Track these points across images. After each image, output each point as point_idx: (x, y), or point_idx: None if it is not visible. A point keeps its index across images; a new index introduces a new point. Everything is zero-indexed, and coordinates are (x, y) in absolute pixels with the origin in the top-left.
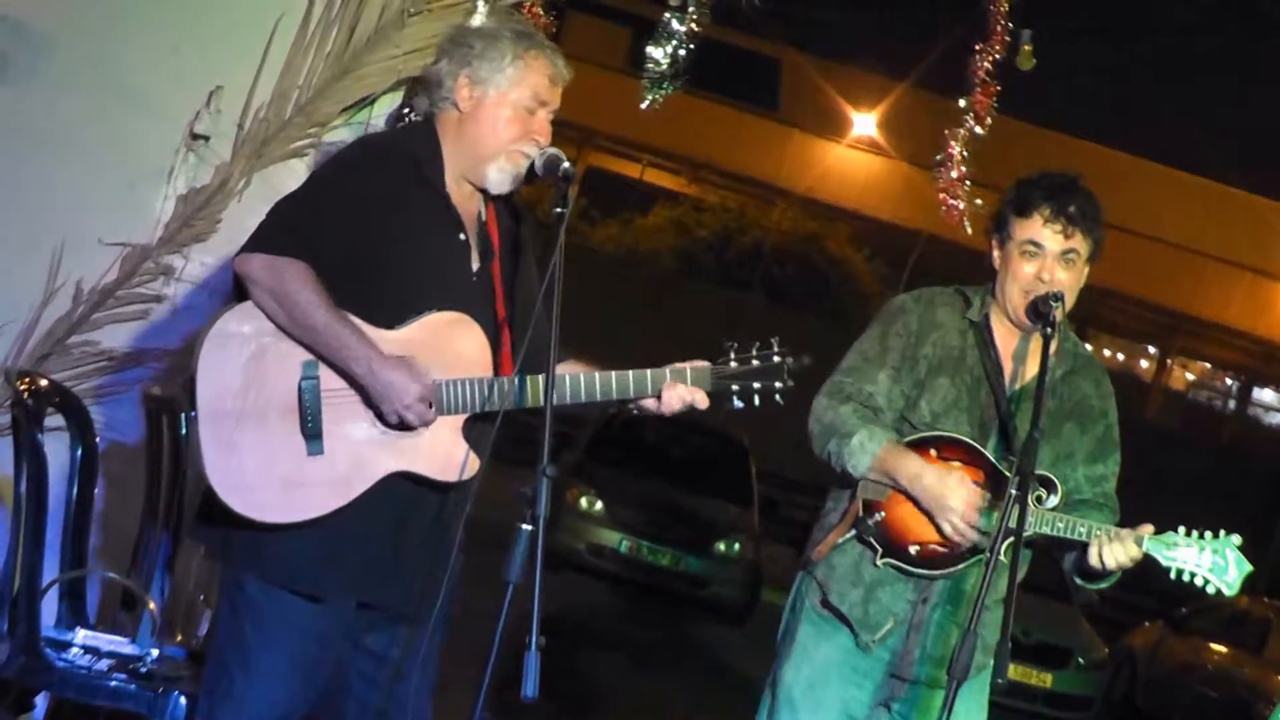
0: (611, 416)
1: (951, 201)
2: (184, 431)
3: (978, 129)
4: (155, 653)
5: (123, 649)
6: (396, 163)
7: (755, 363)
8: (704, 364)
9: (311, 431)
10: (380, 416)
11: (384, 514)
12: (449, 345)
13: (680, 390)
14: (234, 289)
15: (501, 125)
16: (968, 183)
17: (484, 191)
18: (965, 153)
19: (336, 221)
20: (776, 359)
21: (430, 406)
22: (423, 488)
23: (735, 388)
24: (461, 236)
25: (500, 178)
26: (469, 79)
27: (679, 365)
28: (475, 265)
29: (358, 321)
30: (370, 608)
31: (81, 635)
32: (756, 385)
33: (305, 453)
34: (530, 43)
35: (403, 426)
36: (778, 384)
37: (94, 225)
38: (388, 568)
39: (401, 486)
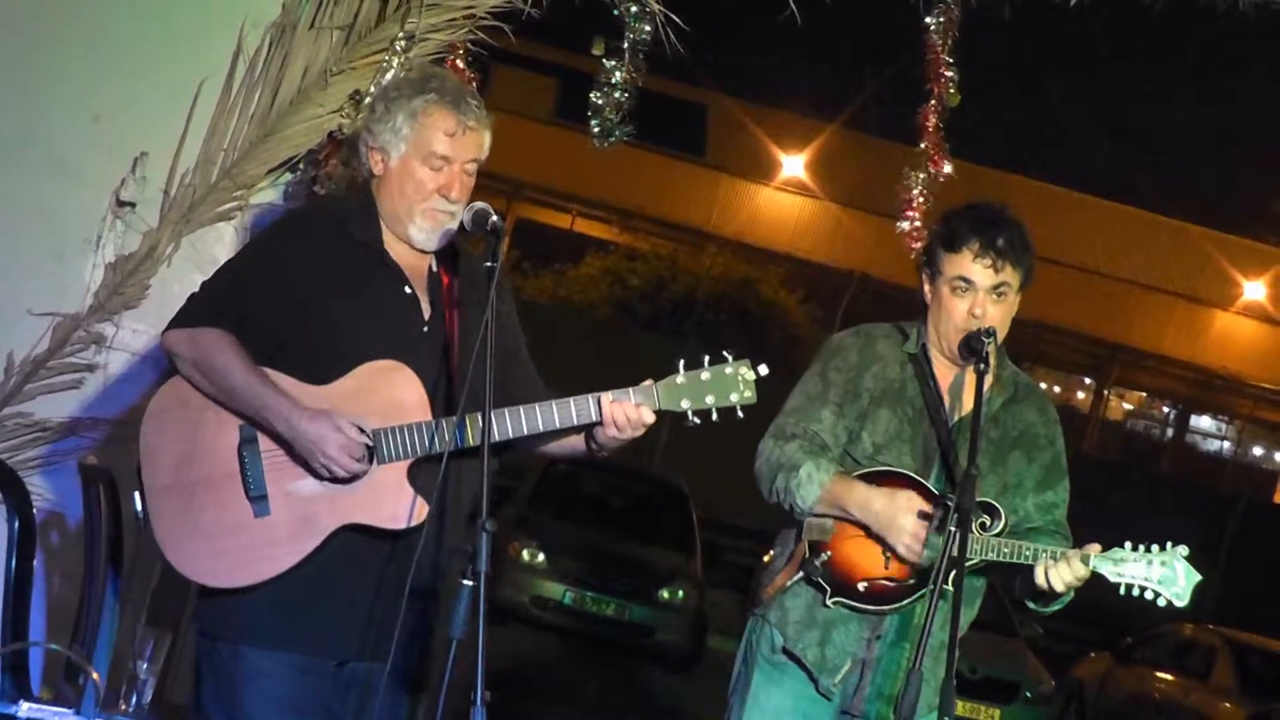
0: (551, 463)
1: (916, 246)
2: (139, 506)
3: (935, 172)
4: None
5: None
6: (319, 226)
7: (706, 375)
8: (648, 382)
9: (255, 494)
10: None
11: (339, 568)
12: (384, 394)
13: (625, 407)
14: (170, 367)
15: (409, 188)
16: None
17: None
18: (924, 197)
19: (255, 288)
20: (729, 370)
21: (361, 458)
22: (374, 538)
23: (686, 402)
24: (407, 290)
25: (424, 237)
26: (372, 145)
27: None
28: (426, 315)
29: (285, 380)
30: (344, 666)
31: (25, 708)
32: (710, 399)
33: (252, 515)
34: (426, 97)
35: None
36: (733, 396)
37: (23, 296)
38: (345, 621)
39: (355, 539)
